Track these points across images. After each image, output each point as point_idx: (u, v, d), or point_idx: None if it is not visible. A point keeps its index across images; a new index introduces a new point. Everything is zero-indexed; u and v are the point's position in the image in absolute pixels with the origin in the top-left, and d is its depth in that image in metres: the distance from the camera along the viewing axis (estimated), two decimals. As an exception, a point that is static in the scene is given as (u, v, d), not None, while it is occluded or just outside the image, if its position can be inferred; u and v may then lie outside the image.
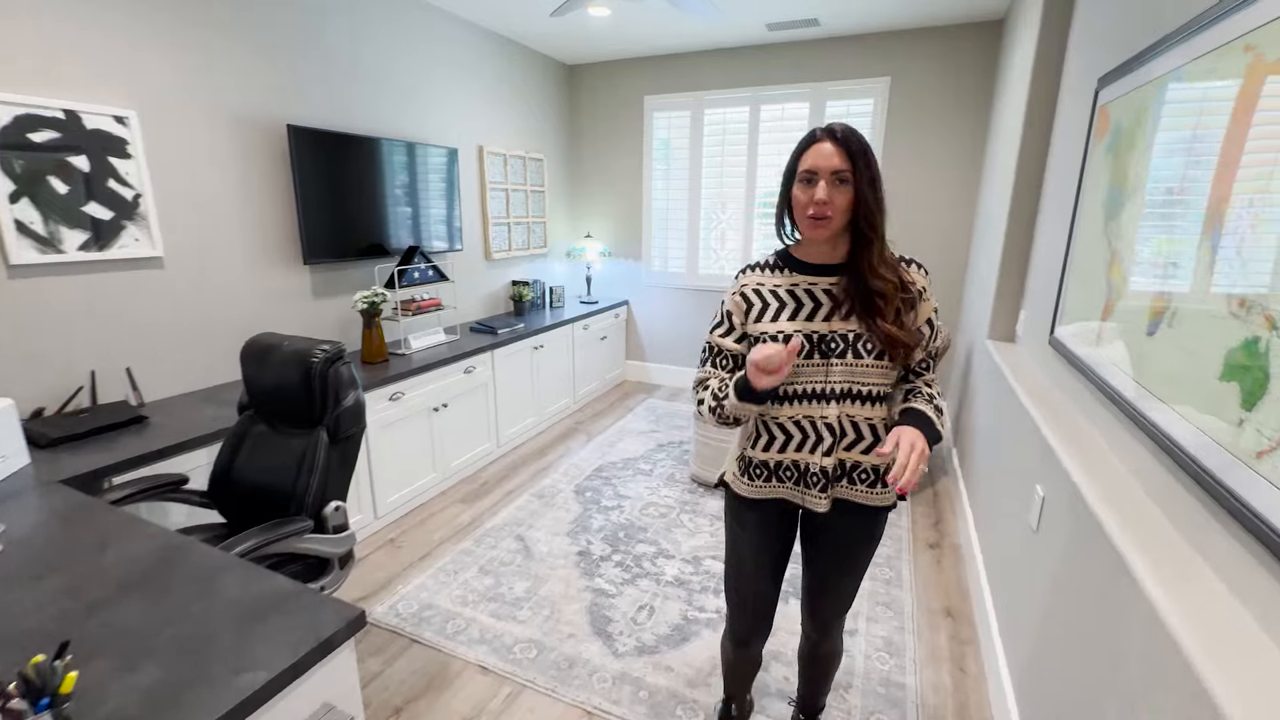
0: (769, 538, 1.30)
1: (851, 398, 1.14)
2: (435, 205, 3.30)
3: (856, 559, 1.31)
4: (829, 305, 1.15)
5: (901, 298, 1.13)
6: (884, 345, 1.11)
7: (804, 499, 1.22)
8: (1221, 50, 1.03)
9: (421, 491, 2.86)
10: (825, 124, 1.12)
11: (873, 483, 1.20)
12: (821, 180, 1.08)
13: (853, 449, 1.18)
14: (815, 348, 1.14)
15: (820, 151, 1.08)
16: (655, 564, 2.40)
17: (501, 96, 3.84)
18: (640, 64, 4.30)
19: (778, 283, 1.19)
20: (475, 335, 3.36)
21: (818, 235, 1.12)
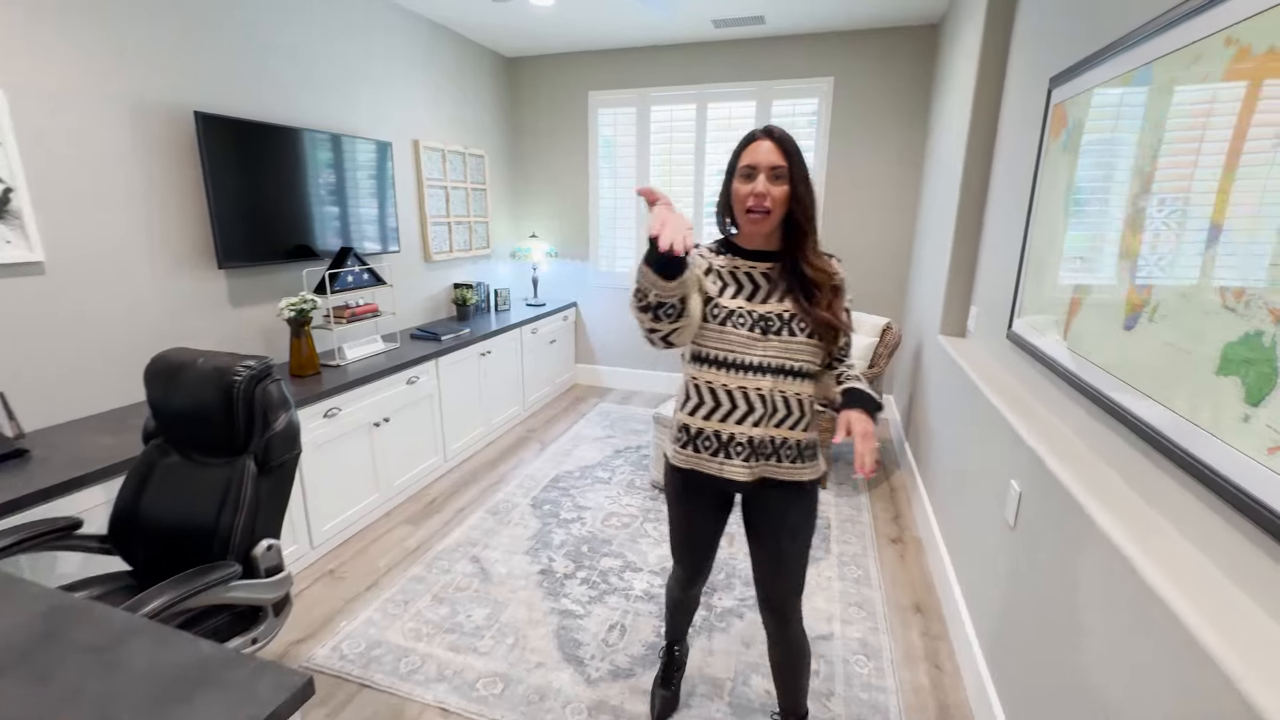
0: (708, 520, 1.40)
1: (784, 373, 1.24)
2: (367, 203, 3.05)
3: (794, 533, 1.34)
4: (767, 288, 1.26)
5: (835, 283, 1.25)
6: (816, 327, 1.22)
7: (722, 469, 1.27)
8: (1203, 42, 1.03)
9: (363, 515, 2.62)
10: (764, 126, 1.23)
11: (795, 458, 1.28)
12: (761, 175, 1.18)
13: (782, 425, 1.26)
14: (756, 324, 1.23)
15: (759, 149, 1.19)
16: (623, 578, 2.30)
17: (437, 88, 3.62)
18: (583, 58, 4.17)
19: (721, 264, 1.29)
20: (417, 342, 3.13)
21: (758, 229, 1.23)
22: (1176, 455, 1.02)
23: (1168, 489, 1.07)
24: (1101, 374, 1.32)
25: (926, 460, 2.72)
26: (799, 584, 1.39)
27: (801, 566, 1.37)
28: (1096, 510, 1.13)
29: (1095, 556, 1.11)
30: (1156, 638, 0.90)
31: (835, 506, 2.86)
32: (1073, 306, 1.51)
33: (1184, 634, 0.83)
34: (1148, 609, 0.93)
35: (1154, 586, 0.92)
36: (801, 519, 1.34)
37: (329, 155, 2.79)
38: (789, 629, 1.43)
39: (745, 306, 1.24)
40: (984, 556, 1.75)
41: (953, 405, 2.30)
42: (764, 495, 1.32)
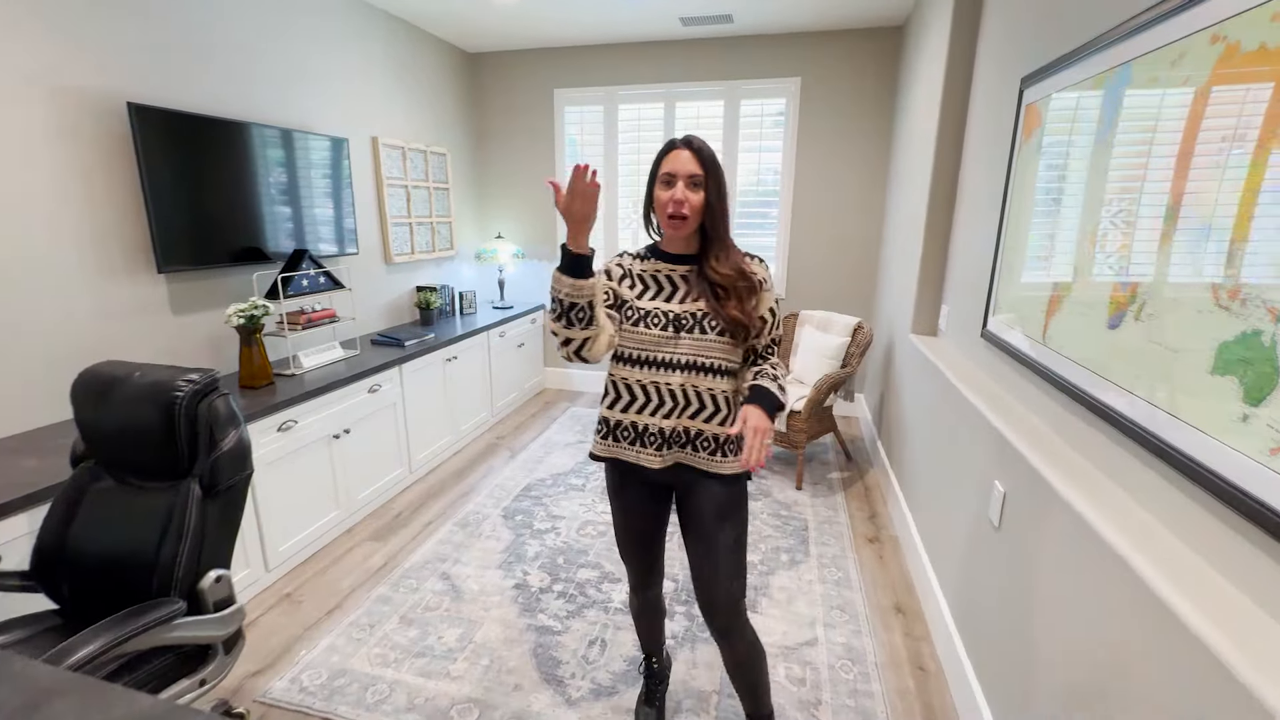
0: (644, 512, 1.43)
1: (696, 369, 1.30)
2: (323, 203, 2.89)
3: (721, 520, 1.34)
4: (684, 289, 1.32)
5: (743, 285, 1.29)
6: (727, 325, 1.28)
7: (638, 457, 1.32)
8: (1187, 39, 1.03)
9: (323, 533, 2.48)
10: (684, 136, 1.29)
11: (712, 450, 1.32)
12: (680, 182, 1.25)
13: (696, 417, 1.31)
14: (670, 323, 1.30)
15: (679, 158, 1.25)
16: (601, 590, 2.22)
17: (397, 84, 3.47)
18: (549, 55, 4.07)
19: (643, 268, 1.37)
20: (378, 349, 2.99)
21: (677, 233, 1.30)
22: (1170, 455, 1.01)
23: (1158, 487, 1.07)
24: (1084, 372, 1.31)
25: (901, 459, 2.73)
26: (738, 588, 1.36)
27: (737, 566, 1.35)
28: (1089, 512, 1.12)
29: (1088, 558, 1.10)
30: (1159, 640, 0.89)
31: (812, 508, 2.85)
32: (1051, 305, 1.51)
33: (1188, 637, 0.81)
34: (1147, 610, 0.91)
35: (1155, 589, 0.90)
36: (729, 508, 1.35)
37: (280, 151, 2.63)
38: (734, 642, 1.39)
39: (661, 307, 1.31)
40: (967, 557, 1.75)
41: (928, 405, 2.31)
42: (689, 485, 1.36)
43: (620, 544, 1.50)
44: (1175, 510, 1.02)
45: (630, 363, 1.32)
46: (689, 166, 1.25)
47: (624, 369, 1.33)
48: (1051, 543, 1.26)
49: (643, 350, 1.31)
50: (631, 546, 1.48)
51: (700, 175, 1.25)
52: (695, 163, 1.25)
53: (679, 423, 1.31)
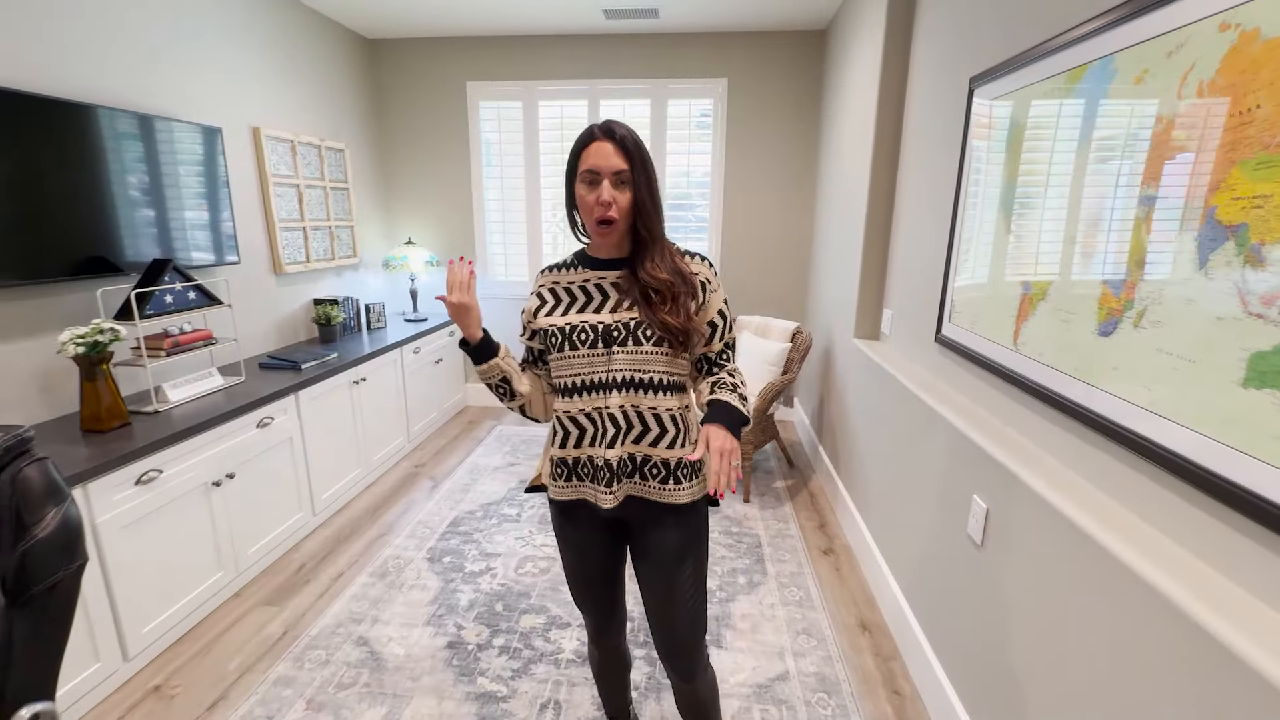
0: (589, 547, 1.26)
1: (635, 386, 1.15)
2: (192, 203, 2.44)
3: (679, 559, 1.20)
4: (615, 297, 1.17)
5: (679, 289, 1.14)
6: (661, 332, 1.13)
7: (595, 495, 1.18)
8: (1190, 27, 0.96)
9: (203, 602, 2.05)
10: (602, 120, 1.12)
11: (665, 478, 1.17)
12: (605, 180, 1.09)
13: (641, 441, 1.16)
14: (599, 338, 1.15)
15: (601, 151, 1.09)
16: (549, 639, 1.97)
17: (283, 68, 3.03)
18: (459, 44, 3.75)
19: (571, 279, 1.21)
20: (269, 374, 2.56)
21: (607, 239, 1.15)
22: (1186, 470, 0.94)
23: (1152, 496, 1.00)
24: (1069, 380, 1.25)
25: (848, 466, 2.68)
26: (700, 630, 1.25)
27: (699, 605, 1.23)
28: (1098, 532, 1.04)
29: (1099, 578, 1.01)
30: (1193, 660, 0.79)
31: (763, 521, 2.74)
32: (1022, 309, 1.45)
33: (1230, 657, 0.72)
34: (1176, 630, 0.82)
35: (1185, 610, 0.81)
36: (688, 543, 1.21)
37: (135, 141, 2.17)
38: (696, 685, 1.29)
39: (589, 319, 1.16)
40: (943, 575, 1.67)
41: (878, 411, 2.26)
42: (642, 520, 1.20)
43: (574, 589, 1.32)
44: (1177, 519, 0.95)
45: (568, 393, 1.18)
46: (613, 161, 1.09)
47: (564, 401, 1.19)
48: (1051, 561, 1.17)
49: (577, 375, 1.16)
50: (588, 591, 1.31)
51: (626, 170, 1.10)
52: (620, 156, 1.09)
53: (623, 450, 1.15)
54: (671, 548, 1.19)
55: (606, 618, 1.34)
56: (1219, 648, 0.79)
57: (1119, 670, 0.99)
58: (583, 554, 1.26)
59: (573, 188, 1.14)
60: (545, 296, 1.22)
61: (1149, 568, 0.94)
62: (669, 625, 1.23)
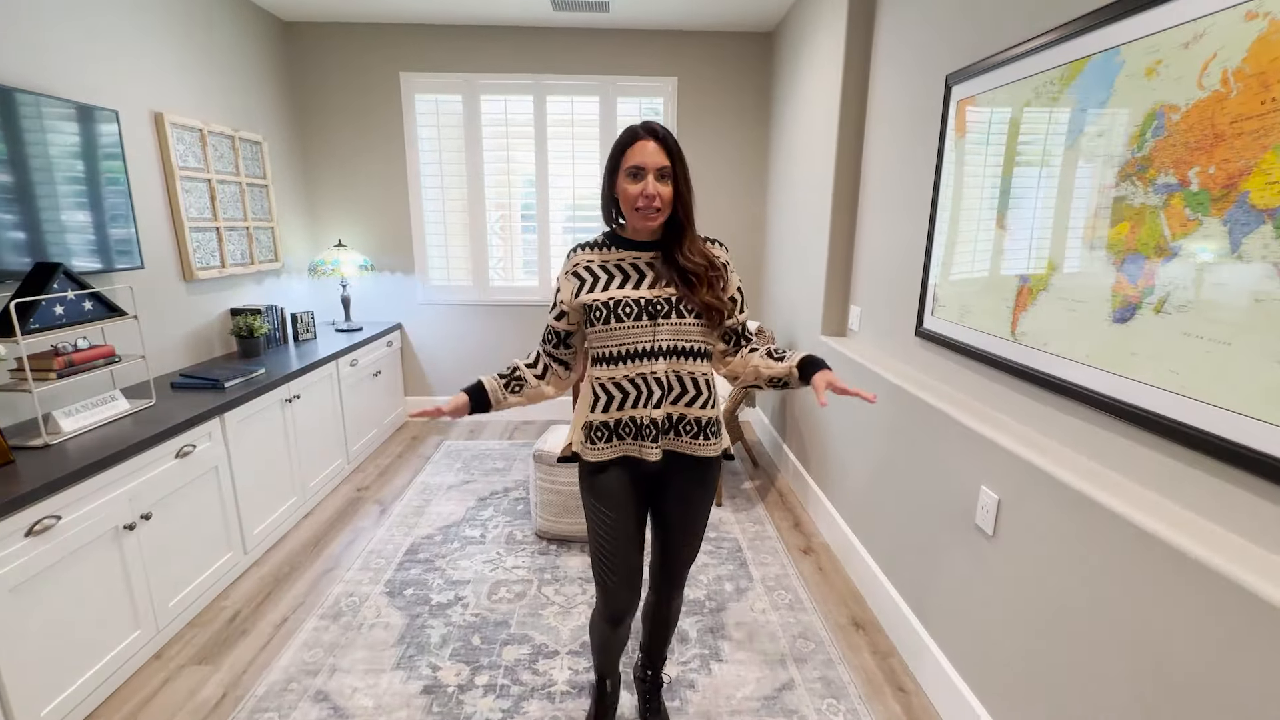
0: (626, 502, 1.35)
1: (678, 354, 1.30)
2: (82, 199, 2.07)
3: (696, 508, 1.41)
4: (651, 275, 1.31)
5: (712, 274, 1.30)
6: (702, 309, 1.29)
7: (641, 451, 1.31)
8: (1211, 17, 0.98)
9: (117, 667, 1.72)
10: (643, 121, 1.27)
11: (696, 434, 1.33)
12: (649, 175, 1.23)
13: (678, 403, 1.31)
14: (643, 311, 1.27)
15: (645, 150, 1.23)
16: (537, 670, 1.81)
17: (185, 47, 2.66)
18: (391, 32, 3.48)
19: (605, 258, 1.33)
20: (185, 395, 2.22)
21: (649, 225, 1.28)
22: (1221, 449, 0.96)
23: (1180, 476, 1.02)
24: (1079, 367, 1.27)
25: (821, 463, 2.68)
26: (693, 556, 1.48)
27: (698, 543, 1.46)
28: (1132, 513, 1.04)
29: (1130, 558, 1.01)
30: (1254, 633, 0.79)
31: (739, 524, 2.69)
32: (1020, 300, 1.47)
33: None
34: (1232, 608, 0.82)
35: (1243, 583, 0.81)
36: (706, 493, 1.41)
37: (3, 123, 1.80)
38: (675, 597, 1.51)
39: (630, 294, 1.28)
40: (943, 568, 1.67)
41: (860, 408, 2.26)
42: (675, 472, 1.36)
43: (605, 553, 1.36)
44: (1210, 495, 0.96)
45: (612, 361, 1.30)
46: (657, 159, 1.23)
47: (607, 369, 1.30)
48: (1076, 546, 1.18)
49: (622, 344, 1.28)
50: (620, 550, 1.36)
51: (668, 166, 1.24)
52: (662, 154, 1.24)
53: (668, 410, 1.31)
54: (696, 494, 1.38)
55: (630, 582, 1.37)
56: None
57: (1155, 647, 0.99)
58: (620, 510, 1.34)
59: (613, 181, 1.28)
60: (583, 275, 1.33)
61: (1187, 541, 0.95)
62: (679, 560, 1.44)
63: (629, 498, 1.35)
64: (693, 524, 1.41)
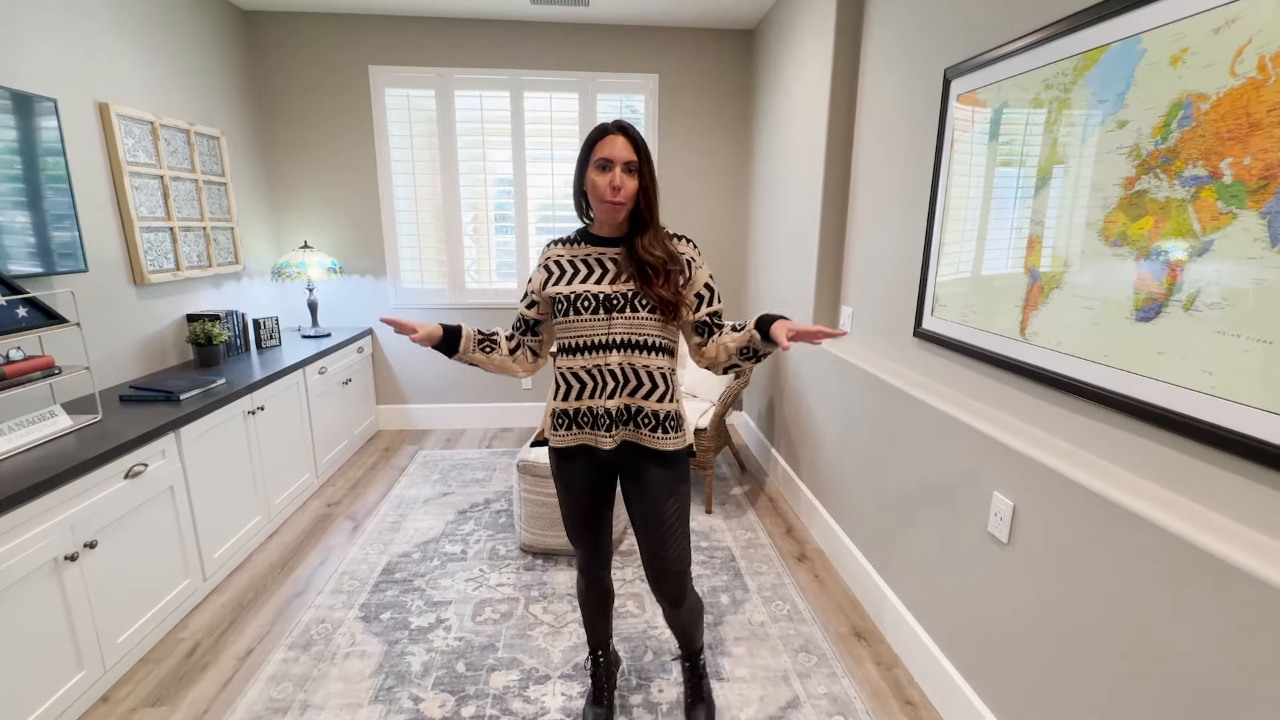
0: (586, 485, 1.44)
1: (632, 347, 1.34)
2: (16, 196, 1.88)
3: (667, 494, 1.40)
4: (614, 271, 1.35)
5: (670, 267, 1.33)
6: (657, 304, 1.32)
7: (596, 440, 1.37)
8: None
9: (58, 714, 1.54)
10: (614, 119, 1.32)
11: (655, 427, 1.36)
12: (616, 167, 1.28)
13: (636, 394, 1.35)
14: (600, 305, 1.33)
15: (614, 144, 1.29)
16: (528, 698, 1.70)
17: (134, 34, 2.47)
18: (359, 23, 3.32)
19: (574, 253, 1.40)
20: (135, 408, 2.04)
21: (614, 217, 1.33)
22: (1257, 451, 0.91)
23: (1214, 480, 0.97)
24: (1097, 367, 1.22)
25: (812, 468, 2.63)
26: (685, 560, 1.45)
27: (683, 539, 1.43)
28: (1163, 519, 0.99)
29: (1161, 563, 0.96)
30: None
31: (730, 532, 2.61)
32: (1030, 298, 1.43)
33: None
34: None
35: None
36: (673, 483, 1.40)
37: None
38: (680, 609, 1.50)
39: (591, 289, 1.34)
40: (953, 576, 1.61)
41: (855, 412, 2.21)
42: (634, 463, 1.40)
43: (569, 527, 1.51)
44: (1247, 501, 0.92)
45: (572, 352, 1.36)
46: (624, 153, 1.28)
47: (568, 359, 1.37)
48: (1103, 556, 1.12)
49: (580, 336, 1.35)
50: (583, 526, 1.49)
51: (635, 161, 1.29)
52: (630, 149, 1.29)
53: (621, 401, 1.35)
54: (659, 484, 1.39)
55: (596, 551, 1.52)
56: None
57: (1185, 660, 0.93)
58: (579, 493, 1.45)
59: (583, 174, 1.33)
60: (552, 269, 1.39)
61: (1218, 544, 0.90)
62: (658, 558, 1.42)
63: (589, 482, 1.44)
64: (660, 517, 1.40)
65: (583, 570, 1.56)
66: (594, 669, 1.64)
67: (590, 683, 1.66)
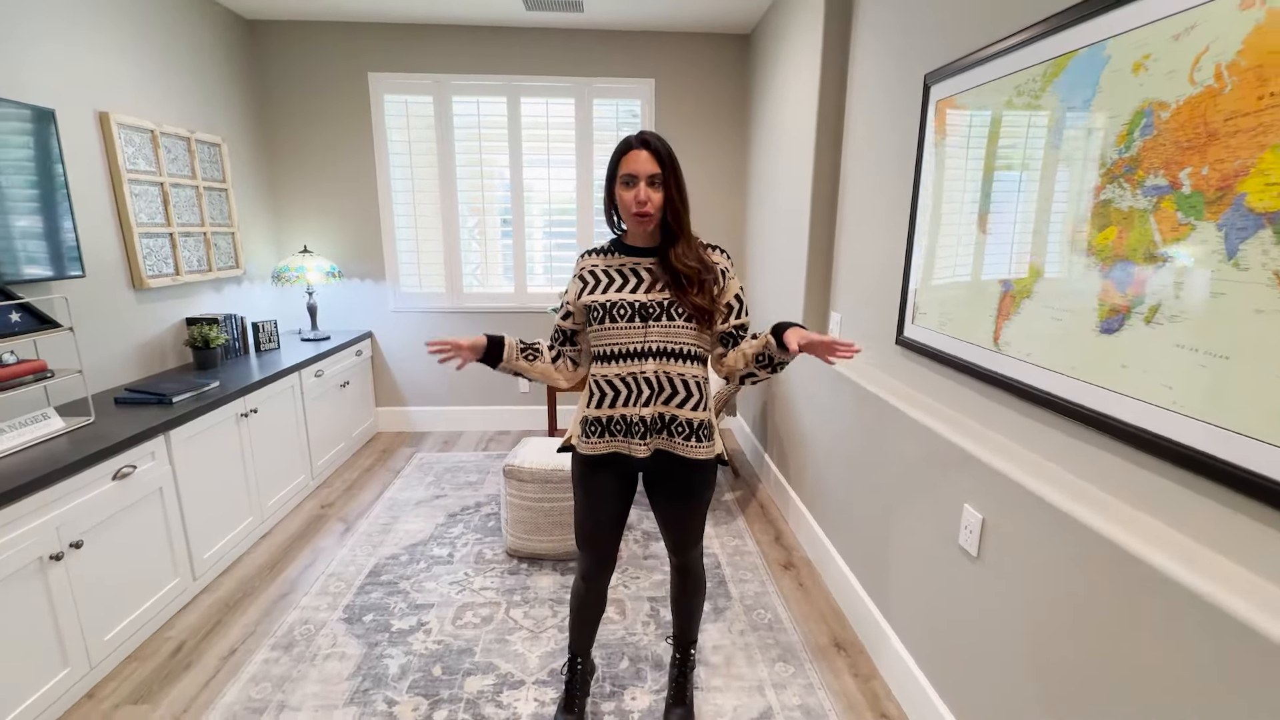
0: (609, 499, 1.47)
1: (667, 355, 1.37)
2: (14, 203, 1.94)
3: (691, 506, 1.48)
4: (649, 280, 1.39)
5: (704, 276, 1.37)
6: (692, 312, 1.36)
7: (630, 448, 1.39)
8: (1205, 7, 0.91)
9: (43, 709, 1.58)
10: (639, 132, 1.35)
11: (689, 435, 1.39)
12: (641, 182, 1.32)
13: (670, 403, 1.38)
14: (636, 313, 1.36)
15: (638, 158, 1.32)
16: (501, 703, 1.70)
17: (135, 44, 2.53)
18: (359, 31, 3.36)
19: (609, 263, 1.43)
20: (128, 411, 2.09)
21: (643, 228, 1.37)
22: (1219, 471, 0.89)
23: (1173, 499, 0.94)
24: (1064, 380, 1.20)
25: (801, 475, 2.61)
26: (697, 537, 1.55)
27: (699, 524, 1.53)
28: (1127, 540, 0.97)
29: (1117, 583, 0.94)
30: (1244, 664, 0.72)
31: (718, 538, 2.60)
32: (1003, 308, 1.40)
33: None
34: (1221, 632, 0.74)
35: (1235, 614, 0.74)
36: (700, 490, 1.46)
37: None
38: (689, 570, 1.59)
39: (626, 298, 1.37)
40: (930, 589, 1.59)
41: (838, 419, 2.19)
42: (666, 469, 1.43)
43: (582, 533, 1.50)
44: (1202, 520, 0.89)
45: (608, 360, 1.39)
46: (648, 166, 1.31)
47: (603, 367, 1.40)
48: (1063, 569, 1.10)
49: (616, 344, 1.37)
50: (597, 533, 1.49)
51: (659, 174, 1.32)
52: (654, 162, 1.31)
53: (656, 409, 1.37)
54: (687, 491, 1.45)
55: (605, 560, 1.52)
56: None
57: (1144, 677, 0.91)
58: (602, 501, 1.46)
59: (612, 189, 1.37)
60: (587, 278, 1.43)
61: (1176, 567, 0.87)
62: (679, 539, 1.53)
63: (613, 492, 1.46)
64: (686, 520, 1.50)
65: (585, 576, 1.54)
66: (570, 675, 1.63)
67: (564, 689, 1.65)
